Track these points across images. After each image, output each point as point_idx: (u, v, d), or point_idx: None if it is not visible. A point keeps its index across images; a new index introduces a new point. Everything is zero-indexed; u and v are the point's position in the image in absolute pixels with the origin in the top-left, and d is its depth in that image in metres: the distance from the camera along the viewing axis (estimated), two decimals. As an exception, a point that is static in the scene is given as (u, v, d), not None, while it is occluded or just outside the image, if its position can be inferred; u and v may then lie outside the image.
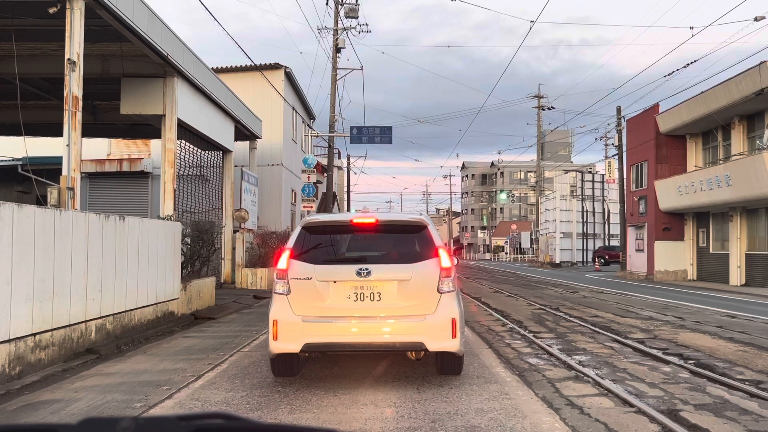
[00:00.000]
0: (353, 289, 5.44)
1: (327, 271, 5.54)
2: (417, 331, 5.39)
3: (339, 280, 5.48)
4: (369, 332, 5.43)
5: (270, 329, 5.47)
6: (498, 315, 11.07)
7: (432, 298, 5.47)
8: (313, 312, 5.43)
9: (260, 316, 11.25)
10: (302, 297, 5.47)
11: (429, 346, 5.38)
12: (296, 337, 5.35)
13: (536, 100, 49.97)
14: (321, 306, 5.43)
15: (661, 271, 26.99)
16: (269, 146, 22.91)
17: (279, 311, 5.46)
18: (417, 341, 5.39)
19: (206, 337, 8.76)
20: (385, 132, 23.35)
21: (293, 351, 5.39)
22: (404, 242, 5.91)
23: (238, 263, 17.73)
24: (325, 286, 5.47)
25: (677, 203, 25.72)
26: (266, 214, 22.81)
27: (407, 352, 5.87)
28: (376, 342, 5.48)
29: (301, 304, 5.45)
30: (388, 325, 5.42)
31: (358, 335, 5.42)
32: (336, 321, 5.41)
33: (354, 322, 5.42)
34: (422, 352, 5.72)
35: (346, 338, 5.44)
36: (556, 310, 11.83)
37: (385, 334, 5.44)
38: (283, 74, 23.14)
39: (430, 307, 5.44)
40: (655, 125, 27.40)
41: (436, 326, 5.40)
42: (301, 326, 5.37)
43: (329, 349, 5.58)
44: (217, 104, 16.17)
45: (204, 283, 12.07)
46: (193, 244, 11.58)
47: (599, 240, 49.67)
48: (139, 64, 12.78)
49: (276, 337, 5.40)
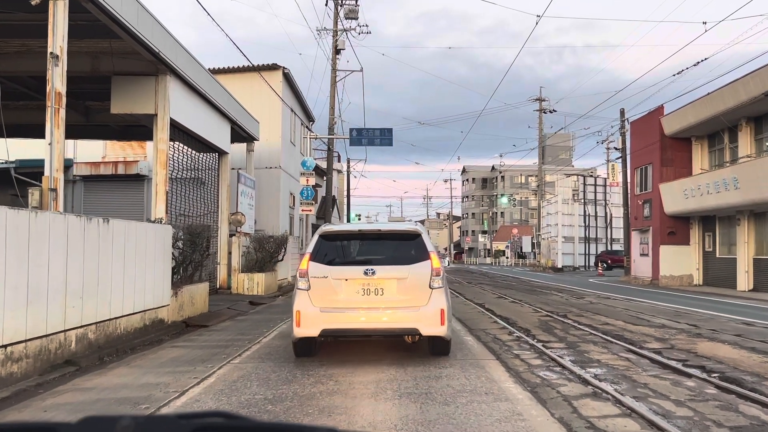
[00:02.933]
0: (361, 286, 6.64)
1: (340, 271, 6.79)
2: (412, 319, 6.56)
3: (350, 278, 6.69)
4: (374, 320, 6.60)
5: (294, 318, 6.68)
6: (503, 322, 10.57)
7: (425, 292, 6.64)
8: (328, 304, 6.62)
9: (255, 323, 10.76)
10: (320, 292, 6.66)
11: (422, 332, 6.61)
12: (315, 324, 6.55)
13: (538, 103, 49.57)
14: (335, 299, 6.64)
15: (666, 276, 26.49)
16: (267, 148, 22.44)
17: (301, 303, 6.67)
18: (412, 327, 6.60)
19: (195, 347, 8.26)
20: (385, 134, 22.87)
21: (313, 335, 6.63)
22: (402, 247, 7.09)
23: (234, 268, 17.24)
24: (339, 283, 6.69)
25: (683, 207, 25.24)
26: (264, 217, 22.33)
27: (405, 336, 7.12)
28: (380, 328, 6.68)
29: (319, 298, 6.64)
30: (389, 315, 6.60)
31: (365, 322, 6.60)
32: (347, 311, 6.59)
33: (362, 312, 6.60)
34: (417, 337, 6.97)
35: (355, 325, 6.60)
36: (564, 317, 11.33)
37: (387, 322, 6.61)
38: (282, 75, 22.67)
39: (423, 300, 6.61)
40: (659, 127, 26.94)
41: (428, 315, 6.56)
42: (319, 315, 6.57)
43: (342, 334, 6.79)
44: (212, 104, 15.71)
45: (197, 289, 11.57)
46: (185, 248, 11.08)
47: (601, 244, 49.17)
48: (130, 62, 12.32)
49: (299, 324, 6.61)
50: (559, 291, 19.77)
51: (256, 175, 21.87)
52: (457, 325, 10.17)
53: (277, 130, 22.74)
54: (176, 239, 10.79)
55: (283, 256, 19.46)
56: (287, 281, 21.69)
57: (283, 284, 20.69)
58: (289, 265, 22.01)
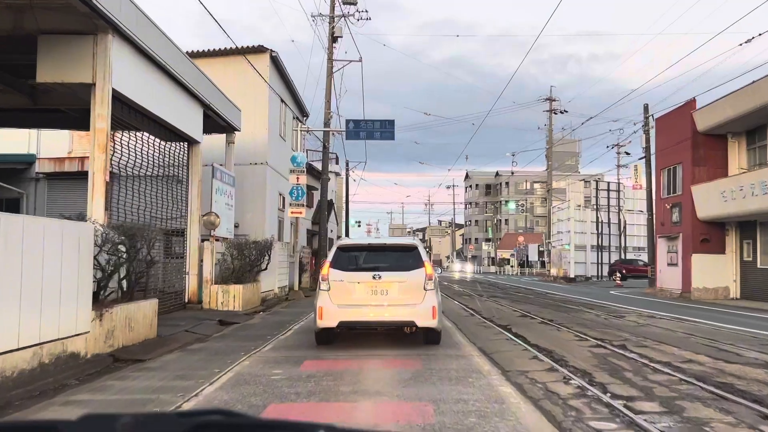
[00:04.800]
0: (370, 287, 8.33)
1: (353, 275, 8.49)
2: (410, 314, 8.23)
3: (361, 281, 8.40)
4: (380, 314, 8.27)
5: (316, 312, 8.31)
6: (547, 358, 7.78)
7: (420, 293, 8.31)
8: (344, 301, 8.29)
9: (209, 356, 8.02)
10: (338, 292, 8.34)
11: (418, 323, 8.26)
12: (334, 317, 8.23)
13: (548, 103, 46.94)
14: (350, 297, 8.32)
15: (699, 288, 23.70)
16: (252, 143, 19.73)
17: (323, 301, 8.31)
18: (410, 320, 8.29)
19: (103, 402, 5.52)
20: (386, 126, 20.11)
21: (332, 326, 8.31)
22: (402, 257, 8.70)
23: (206, 279, 14.49)
24: (353, 285, 8.41)
25: (720, 211, 22.48)
26: (248, 220, 19.60)
27: (404, 328, 8.79)
28: (385, 320, 8.38)
29: (337, 297, 8.32)
30: (392, 310, 8.25)
31: (373, 316, 8.29)
32: (359, 307, 8.27)
33: (371, 308, 8.27)
34: (414, 328, 8.48)
35: (365, 318, 8.30)
36: (623, 349, 8.56)
37: (390, 315, 8.26)
38: (269, 59, 19.98)
39: (419, 299, 8.29)
40: (691, 123, 24.22)
41: (423, 311, 8.23)
42: (337, 310, 8.24)
43: (355, 325, 8.55)
44: (178, 82, 13.02)
45: (137, 308, 8.82)
46: (119, 255, 8.34)
47: (614, 253, 46.34)
48: (60, 17, 9.64)
49: (321, 318, 8.27)
50: (589, 307, 16.96)
51: (240, 173, 19.15)
52: (485, 362, 7.44)
53: (264, 121, 20.03)
54: (106, 242, 8.04)
55: (267, 265, 16.70)
56: (273, 293, 18.91)
57: (267, 297, 17.91)
58: (276, 275, 19.24)
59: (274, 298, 18.44)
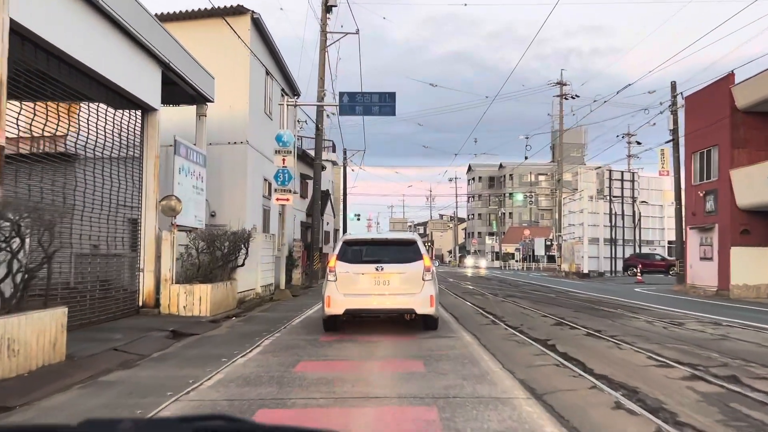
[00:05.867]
0: (374, 278, 9.25)
1: (358, 267, 9.40)
2: (410, 302, 9.17)
3: (365, 273, 9.30)
4: (382, 302, 9.21)
5: (324, 301, 9.25)
6: (637, 405, 5.05)
7: (419, 283, 9.22)
8: (350, 291, 9.19)
9: (123, 394, 5.32)
10: (344, 282, 9.24)
11: (417, 311, 9.21)
12: (341, 305, 9.14)
13: (558, 87, 44.15)
14: (355, 287, 9.21)
15: (739, 285, 20.99)
16: (230, 118, 17.00)
17: (331, 291, 9.23)
18: (410, 308, 9.23)
19: None
20: (386, 99, 17.33)
21: (338, 314, 9.22)
22: (403, 251, 9.68)
23: (165, 277, 11.78)
24: (357, 276, 9.31)
25: (764, 198, 19.76)
26: (226, 208, 16.89)
27: (404, 315, 9.78)
28: (387, 308, 9.33)
29: (343, 286, 9.23)
30: (393, 299, 9.20)
31: (376, 304, 9.23)
32: (363, 296, 9.18)
33: (374, 297, 9.20)
34: (413, 315, 9.50)
35: (369, 306, 9.24)
36: (736, 383, 5.83)
37: (392, 304, 9.21)
38: (250, 22, 17.21)
39: (418, 289, 9.20)
40: (729, 100, 21.46)
41: (421, 299, 9.16)
42: (343, 299, 9.15)
43: (359, 313, 9.49)
44: (120, 27, 10.30)
45: (26, 322, 6.10)
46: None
47: (629, 246, 43.62)
48: None
49: (329, 306, 9.18)
50: (629, 310, 14.19)
51: (216, 153, 16.44)
52: (542, 414, 4.66)
53: (244, 94, 17.28)
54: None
55: (245, 260, 13.97)
56: (255, 293, 16.20)
57: (247, 297, 15.19)
58: (258, 272, 16.54)
59: (255, 299, 15.73)
